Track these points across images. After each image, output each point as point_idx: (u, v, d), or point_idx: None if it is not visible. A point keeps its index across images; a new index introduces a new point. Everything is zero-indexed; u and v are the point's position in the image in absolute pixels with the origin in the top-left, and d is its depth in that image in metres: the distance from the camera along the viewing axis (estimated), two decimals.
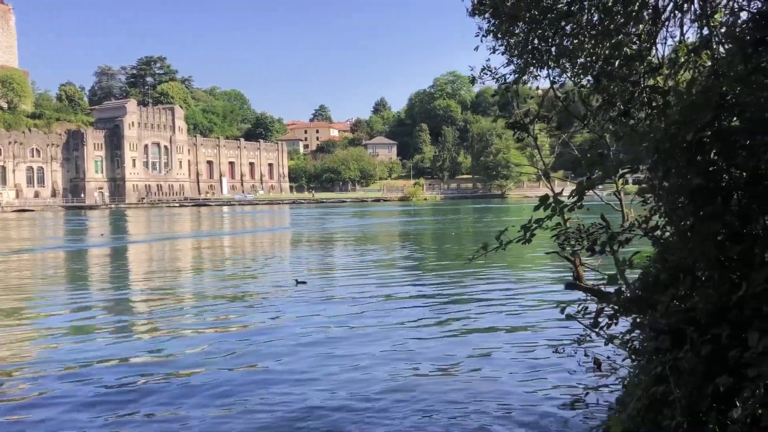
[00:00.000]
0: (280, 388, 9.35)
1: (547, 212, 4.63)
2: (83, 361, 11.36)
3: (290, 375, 10.06)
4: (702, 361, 3.75)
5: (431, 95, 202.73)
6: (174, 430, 7.93)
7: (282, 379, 9.86)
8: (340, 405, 8.56)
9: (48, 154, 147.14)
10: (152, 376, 10.34)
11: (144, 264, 29.97)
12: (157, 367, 10.89)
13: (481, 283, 19.53)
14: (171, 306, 17.37)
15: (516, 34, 7.06)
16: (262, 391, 9.25)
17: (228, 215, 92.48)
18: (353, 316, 14.74)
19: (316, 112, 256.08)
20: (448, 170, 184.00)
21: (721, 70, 4.58)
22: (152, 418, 8.35)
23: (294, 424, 7.94)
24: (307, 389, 9.25)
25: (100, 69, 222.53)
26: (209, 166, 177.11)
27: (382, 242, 40.08)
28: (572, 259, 9.10)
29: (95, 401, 9.05)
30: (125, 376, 10.30)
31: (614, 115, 5.41)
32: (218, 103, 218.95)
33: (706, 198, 4.29)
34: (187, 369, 10.63)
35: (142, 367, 10.90)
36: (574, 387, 8.40)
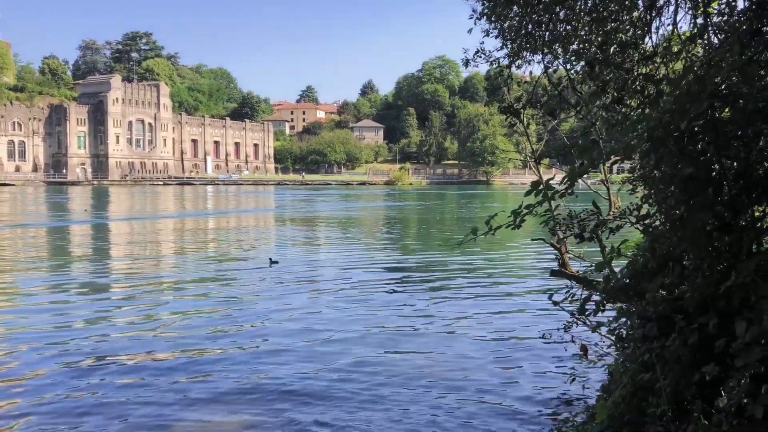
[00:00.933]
0: (250, 366, 9.36)
1: (537, 198, 4.61)
2: (56, 340, 11.26)
3: (256, 354, 10.05)
4: (689, 349, 3.77)
5: (419, 79, 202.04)
6: (143, 400, 7.91)
7: (247, 358, 9.85)
8: (305, 385, 8.57)
9: (30, 128, 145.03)
10: (123, 354, 10.28)
11: (123, 243, 29.72)
12: (127, 343, 10.84)
13: (465, 268, 19.57)
14: (144, 285, 17.27)
15: (510, 17, 6.99)
16: (230, 365, 9.27)
17: (212, 195, 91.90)
18: (329, 300, 14.69)
19: (303, 93, 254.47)
20: (435, 155, 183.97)
21: (714, 60, 4.56)
22: (125, 395, 8.32)
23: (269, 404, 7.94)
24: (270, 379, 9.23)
25: (84, 43, 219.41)
26: (194, 145, 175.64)
27: (366, 225, 40.05)
28: (558, 246, 9.13)
29: (68, 382, 8.97)
30: (98, 355, 10.20)
31: (607, 102, 5.39)
32: (204, 81, 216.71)
33: (697, 188, 4.29)
34: (152, 348, 10.58)
35: (114, 345, 10.83)
36: (560, 373, 8.45)
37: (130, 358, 9.99)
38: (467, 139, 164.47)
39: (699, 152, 4.27)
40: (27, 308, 14.07)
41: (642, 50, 5.65)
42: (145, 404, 8.04)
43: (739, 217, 4.26)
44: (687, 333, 3.81)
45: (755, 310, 3.54)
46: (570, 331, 6.19)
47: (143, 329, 12.02)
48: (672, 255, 4.27)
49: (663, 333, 3.98)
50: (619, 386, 4.09)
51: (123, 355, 10.18)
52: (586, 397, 7.25)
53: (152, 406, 7.99)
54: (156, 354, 10.26)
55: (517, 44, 6.95)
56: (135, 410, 7.87)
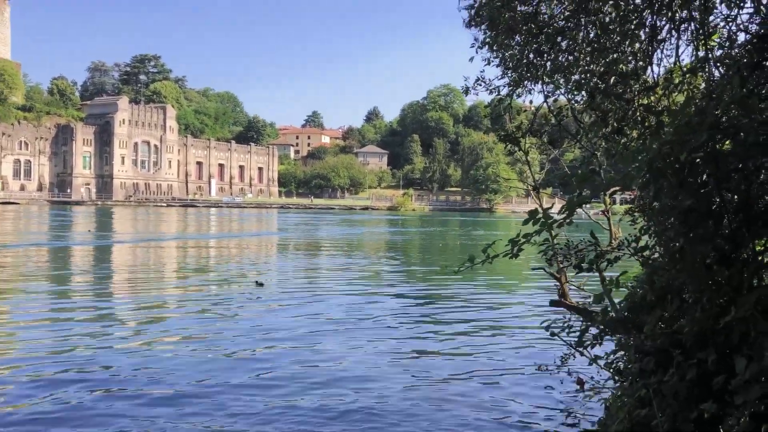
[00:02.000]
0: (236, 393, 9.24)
1: (535, 227, 4.57)
2: (53, 360, 11.16)
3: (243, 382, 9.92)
4: (687, 385, 3.69)
5: (424, 107, 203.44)
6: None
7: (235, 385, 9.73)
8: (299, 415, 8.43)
9: (36, 147, 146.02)
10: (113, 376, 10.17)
11: (125, 265, 29.65)
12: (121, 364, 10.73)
13: (465, 297, 19.44)
14: (141, 307, 17.18)
15: (512, 47, 7.02)
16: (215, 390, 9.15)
17: (215, 217, 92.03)
18: (331, 327, 14.55)
19: (308, 118, 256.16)
20: (438, 182, 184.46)
21: (716, 92, 4.55)
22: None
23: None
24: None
25: (93, 65, 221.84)
26: (199, 167, 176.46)
27: (367, 252, 39.95)
28: (558, 276, 9.04)
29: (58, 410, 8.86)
30: (90, 382, 10.06)
31: (607, 133, 5.37)
32: (211, 105, 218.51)
33: (696, 220, 4.25)
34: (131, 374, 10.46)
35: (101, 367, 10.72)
36: (556, 406, 8.31)
37: (123, 382, 9.88)
38: (470, 167, 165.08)
39: (699, 184, 4.23)
40: (24, 327, 13.98)
41: (643, 81, 5.65)
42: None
43: (739, 251, 4.21)
44: (685, 368, 3.74)
45: (755, 346, 3.47)
46: (567, 363, 6.09)
47: (135, 351, 11.92)
48: (671, 288, 4.21)
49: (661, 367, 3.91)
50: (615, 421, 4.00)
51: (116, 381, 10.06)
52: (580, 430, 7.11)
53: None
54: (144, 377, 10.14)
55: (518, 73, 6.97)
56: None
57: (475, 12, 7.53)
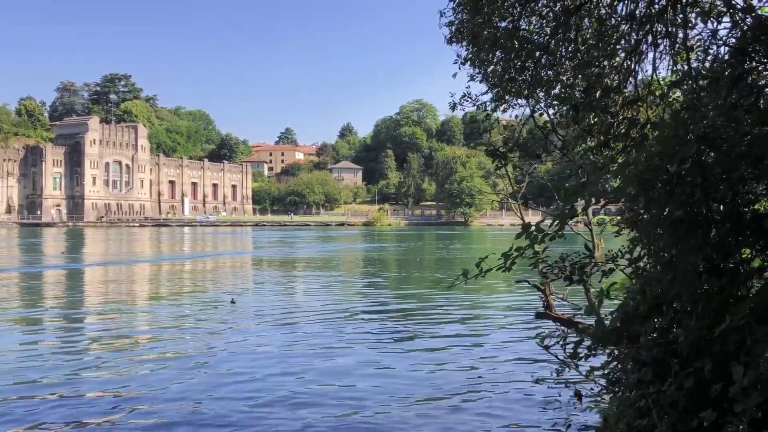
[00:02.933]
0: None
1: (527, 241, 4.59)
2: (25, 379, 10.92)
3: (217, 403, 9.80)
4: (684, 394, 3.72)
5: (397, 122, 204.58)
6: None
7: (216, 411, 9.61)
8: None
9: (4, 169, 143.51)
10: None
11: (98, 288, 29.17)
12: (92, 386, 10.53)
13: (447, 310, 19.46)
14: (113, 331, 16.91)
15: (493, 62, 7.10)
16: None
17: (189, 237, 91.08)
18: (315, 351, 14.45)
19: (281, 135, 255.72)
20: (413, 196, 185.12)
21: (701, 104, 4.64)
22: None
23: None
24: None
25: (62, 84, 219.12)
26: (171, 186, 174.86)
27: (345, 268, 39.82)
28: (542, 288, 9.10)
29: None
30: (68, 408, 9.86)
31: (592, 146, 5.44)
32: (183, 123, 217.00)
33: (686, 230, 4.31)
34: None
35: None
36: (555, 419, 8.33)
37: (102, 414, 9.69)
38: (445, 181, 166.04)
39: (687, 195, 4.30)
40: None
41: (625, 95, 5.74)
42: None
43: (728, 260, 4.27)
44: (682, 377, 3.77)
45: (752, 353, 3.52)
46: (563, 375, 6.11)
47: (112, 373, 11.71)
48: (664, 298, 4.26)
49: (658, 377, 3.94)
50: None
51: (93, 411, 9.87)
52: None
53: None
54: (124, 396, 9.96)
55: (500, 89, 7.04)
56: None
57: (456, 29, 7.61)
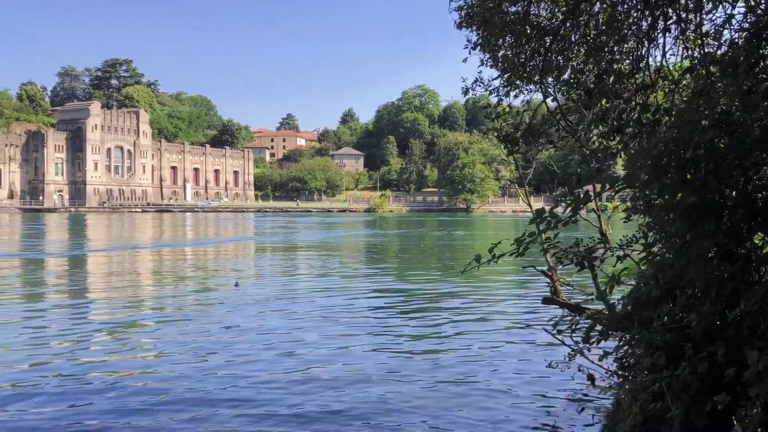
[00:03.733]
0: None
1: (542, 226, 4.61)
2: (35, 361, 10.99)
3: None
4: (698, 378, 3.76)
5: (399, 108, 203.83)
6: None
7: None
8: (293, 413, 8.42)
9: (6, 154, 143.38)
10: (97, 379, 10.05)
11: (105, 272, 29.27)
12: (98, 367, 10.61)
13: (452, 296, 19.52)
14: (118, 316, 17.00)
15: (503, 47, 7.08)
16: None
17: (191, 222, 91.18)
18: (316, 329, 14.51)
19: (283, 121, 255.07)
20: (415, 183, 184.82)
21: (713, 91, 4.63)
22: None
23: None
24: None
25: (63, 69, 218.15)
26: (173, 172, 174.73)
27: (349, 254, 39.89)
28: (549, 274, 9.14)
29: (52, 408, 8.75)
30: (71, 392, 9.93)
31: (605, 131, 5.44)
32: (184, 109, 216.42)
33: (699, 216, 4.32)
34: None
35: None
36: (568, 402, 8.39)
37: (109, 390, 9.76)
38: (447, 167, 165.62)
39: (701, 181, 4.31)
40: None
41: (637, 80, 5.74)
42: None
43: (741, 245, 4.29)
44: (696, 362, 3.80)
45: (765, 338, 3.55)
46: (575, 359, 6.15)
47: (120, 356, 11.78)
48: (676, 283, 4.28)
49: (671, 362, 3.97)
50: (627, 416, 4.06)
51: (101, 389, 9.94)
52: (595, 426, 7.18)
53: None
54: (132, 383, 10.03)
55: (511, 74, 7.03)
56: None
57: (466, 14, 7.58)
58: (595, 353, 5.57)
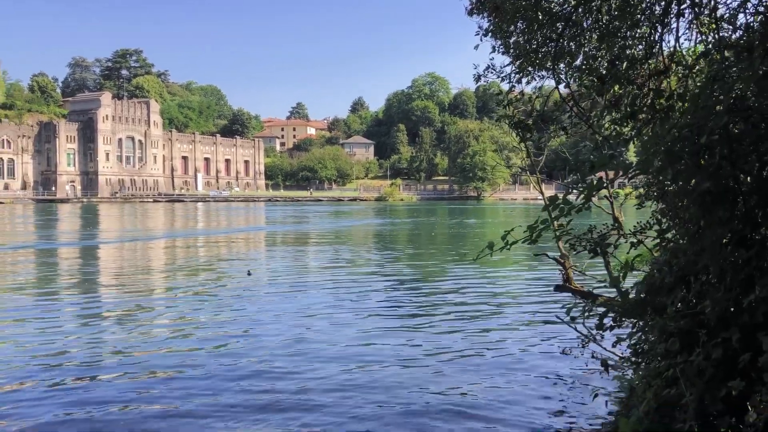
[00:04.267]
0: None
1: (553, 213, 4.60)
2: (48, 353, 11.13)
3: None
4: (712, 364, 3.75)
5: (409, 96, 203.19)
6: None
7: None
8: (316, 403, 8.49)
9: (19, 145, 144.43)
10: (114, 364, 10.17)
11: (121, 263, 29.51)
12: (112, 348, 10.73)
13: (464, 284, 19.53)
14: (132, 302, 17.16)
15: (516, 34, 7.04)
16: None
17: (203, 212, 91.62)
18: (336, 322, 14.59)
19: (293, 110, 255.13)
20: (425, 171, 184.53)
21: (727, 75, 4.59)
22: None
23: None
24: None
25: (74, 60, 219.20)
26: (184, 162, 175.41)
27: (361, 242, 39.97)
28: (562, 261, 9.13)
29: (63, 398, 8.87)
30: (90, 375, 10.07)
31: (618, 118, 5.41)
32: (194, 99, 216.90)
33: (713, 202, 4.30)
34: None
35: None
36: (581, 389, 8.41)
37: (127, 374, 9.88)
38: (457, 155, 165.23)
39: (715, 167, 4.28)
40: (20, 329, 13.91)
41: (651, 66, 5.69)
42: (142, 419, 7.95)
43: (756, 231, 4.26)
44: (710, 348, 3.80)
45: None
46: (588, 345, 6.16)
47: (137, 344, 11.90)
48: (690, 269, 4.27)
49: (685, 348, 3.97)
50: (641, 402, 4.07)
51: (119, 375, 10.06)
52: (608, 412, 7.20)
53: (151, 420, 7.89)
54: (150, 369, 10.15)
55: (524, 60, 6.99)
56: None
57: (477, 0, 7.54)
58: (608, 340, 5.58)
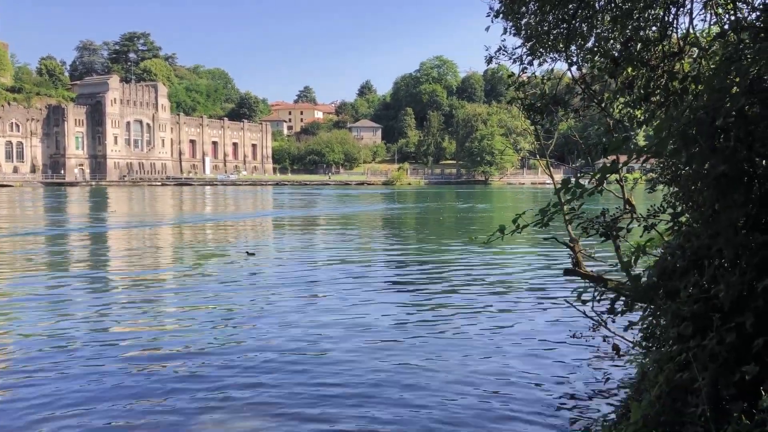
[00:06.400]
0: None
1: (565, 197, 4.56)
2: (59, 342, 11.22)
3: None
4: (726, 348, 3.72)
5: (417, 79, 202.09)
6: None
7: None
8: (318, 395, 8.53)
9: (27, 129, 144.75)
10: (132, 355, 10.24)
11: (131, 247, 29.64)
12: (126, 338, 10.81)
13: (473, 268, 19.53)
14: (140, 288, 17.25)
15: (528, 15, 6.96)
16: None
17: (211, 195, 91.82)
18: (345, 306, 14.62)
19: (300, 94, 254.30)
20: (433, 155, 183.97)
21: (744, 57, 4.52)
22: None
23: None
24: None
25: (81, 44, 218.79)
26: (192, 145, 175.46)
27: (369, 228, 39.99)
28: (572, 245, 9.08)
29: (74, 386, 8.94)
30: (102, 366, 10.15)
31: (631, 100, 5.35)
32: (202, 82, 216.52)
33: (728, 185, 4.25)
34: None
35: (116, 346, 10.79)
36: (593, 373, 8.42)
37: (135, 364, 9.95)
38: (465, 139, 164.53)
39: (730, 149, 4.22)
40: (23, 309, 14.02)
41: (665, 47, 5.61)
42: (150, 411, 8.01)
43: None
44: (723, 332, 3.76)
45: None
46: (599, 330, 6.15)
47: (147, 331, 11.98)
48: (704, 253, 4.22)
49: (698, 332, 3.94)
50: (652, 386, 4.05)
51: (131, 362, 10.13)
52: (620, 396, 7.21)
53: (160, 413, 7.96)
54: (158, 358, 10.22)
55: (535, 41, 6.91)
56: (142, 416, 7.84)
57: None
58: (619, 324, 5.55)
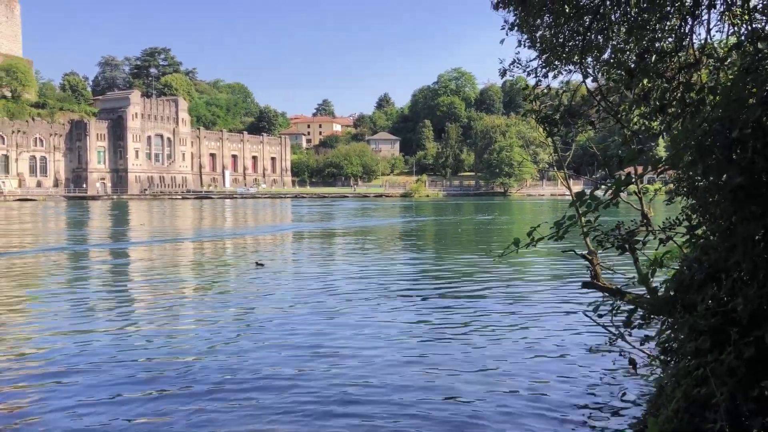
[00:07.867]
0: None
1: (581, 209, 4.54)
2: (78, 350, 11.31)
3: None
4: (745, 363, 3.67)
5: (435, 91, 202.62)
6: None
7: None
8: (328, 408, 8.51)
9: (51, 143, 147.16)
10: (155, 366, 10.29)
11: (154, 260, 29.89)
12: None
13: (491, 280, 19.43)
14: (158, 299, 17.36)
15: (543, 28, 6.96)
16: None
17: (231, 208, 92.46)
18: (363, 320, 14.61)
19: (319, 107, 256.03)
20: (451, 167, 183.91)
21: (761, 67, 4.48)
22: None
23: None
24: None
25: (103, 59, 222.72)
26: (212, 159, 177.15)
27: (387, 241, 39.98)
28: (590, 258, 9.01)
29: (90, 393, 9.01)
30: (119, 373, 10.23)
31: (647, 112, 5.32)
32: (222, 96, 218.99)
33: (746, 197, 4.20)
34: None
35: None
36: (609, 387, 8.33)
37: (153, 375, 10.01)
38: (484, 151, 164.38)
39: (748, 161, 4.18)
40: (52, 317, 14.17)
41: (681, 58, 5.58)
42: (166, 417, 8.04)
43: None
44: (742, 346, 3.71)
45: None
46: (616, 344, 6.08)
47: (163, 342, 12.05)
48: (722, 266, 4.18)
49: (716, 346, 3.89)
50: (670, 401, 3.99)
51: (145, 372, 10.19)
52: (637, 411, 7.11)
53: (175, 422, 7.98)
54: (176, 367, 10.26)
55: (550, 53, 6.91)
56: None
57: None
58: (636, 338, 5.49)
